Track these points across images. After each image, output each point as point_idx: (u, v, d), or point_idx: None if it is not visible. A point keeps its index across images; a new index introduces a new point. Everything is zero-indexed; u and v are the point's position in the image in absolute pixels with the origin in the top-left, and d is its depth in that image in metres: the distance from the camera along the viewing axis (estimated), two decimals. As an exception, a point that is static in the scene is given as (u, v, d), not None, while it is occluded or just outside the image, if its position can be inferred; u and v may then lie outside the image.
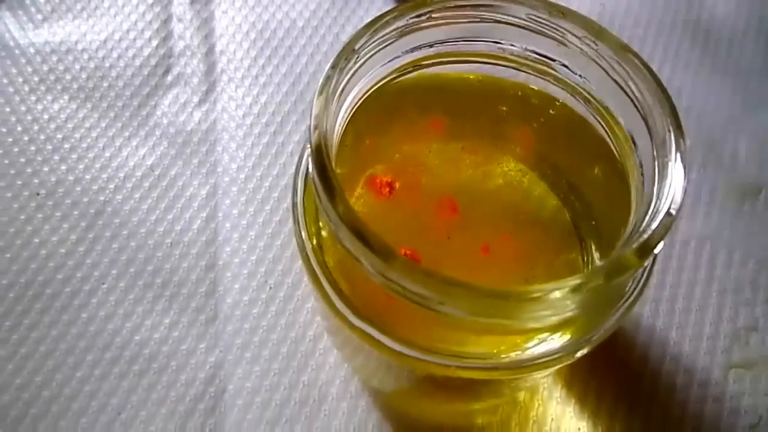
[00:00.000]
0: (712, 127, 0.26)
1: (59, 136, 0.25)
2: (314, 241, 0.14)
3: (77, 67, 0.26)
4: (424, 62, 0.16)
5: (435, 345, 0.13)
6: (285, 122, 0.25)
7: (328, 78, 0.13)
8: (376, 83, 0.16)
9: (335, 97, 0.13)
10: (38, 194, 0.23)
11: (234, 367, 0.21)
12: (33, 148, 0.24)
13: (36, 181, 0.24)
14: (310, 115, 0.13)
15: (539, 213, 0.18)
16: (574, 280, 0.11)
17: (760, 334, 0.22)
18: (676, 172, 0.12)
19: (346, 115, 0.15)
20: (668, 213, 0.11)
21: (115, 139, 0.25)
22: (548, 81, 0.16)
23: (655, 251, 0.11)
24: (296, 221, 0.15)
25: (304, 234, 0.15)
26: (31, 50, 0.26)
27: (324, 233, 0.15)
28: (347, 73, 0.13)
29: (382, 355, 0.14)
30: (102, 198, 0.23)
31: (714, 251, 0.23)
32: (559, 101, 0.16)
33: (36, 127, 0.25)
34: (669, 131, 0.12)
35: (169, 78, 0.26)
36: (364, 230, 0.11)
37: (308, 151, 0.13)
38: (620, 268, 0.11)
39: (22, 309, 0.21)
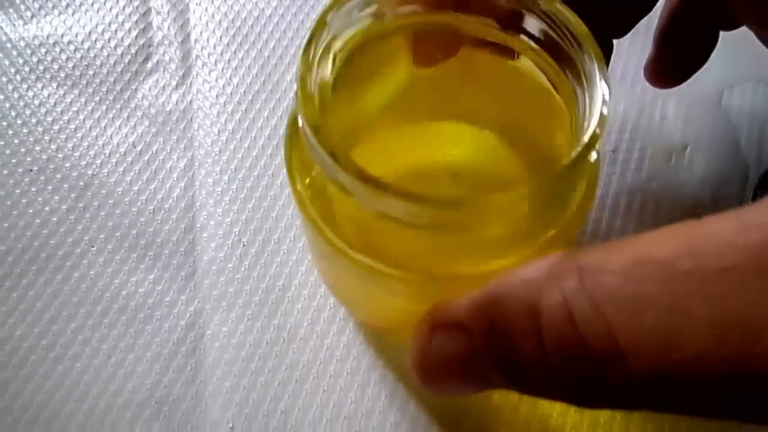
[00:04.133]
0: (643, 92, 0.28)
1: (49, 119, 0.27)
2: (306, 190, 0.16)
3: (64, 57, 0.29)
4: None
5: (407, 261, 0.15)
6: (255, 100, 0.28)
7: (309, 40, 0.15)
8: (349, 49, 0.17)
9: (317, 58, 0.15)
10: (31, 170, 0.26)
11: (212, 314, 0.23)
12: (25, 130, 0.27)
13: (29, 159, 0.26)
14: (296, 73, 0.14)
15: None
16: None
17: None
18: (600, 92, 0.14)
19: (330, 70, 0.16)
20: (595, 130, 0.14)
21: (100, 120, 0.27)
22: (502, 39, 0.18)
23: (590, 158, 0.14)
24: (290, 173, 0.17)
25: (299, 185, 0.16)
26: (22, 44, 0.29)
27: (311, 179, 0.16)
28: (323, 41, 0.15)
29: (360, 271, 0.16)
30: (90, 172, 0.26)
31: (644, 202, 0.26)
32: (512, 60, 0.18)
33: (28, 112, 0.27)
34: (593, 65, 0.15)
35: (149, 65, 0.29)
36: (345, 158, 0.13)
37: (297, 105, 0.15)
38: (554, 176, 0.13)
39: (20, 271, 0.24)
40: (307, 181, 0.16)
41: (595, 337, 0.10)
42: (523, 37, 0.17)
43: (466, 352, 0.13)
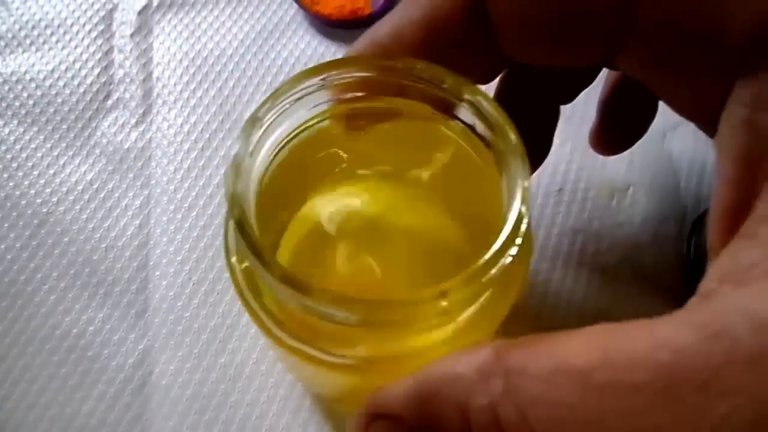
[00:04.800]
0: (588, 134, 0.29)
1: (8, 156, 0.28)
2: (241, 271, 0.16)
3: (25, 94, 0.29)
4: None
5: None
6: (212, 138, 0.29)
7: (237, 154, 0.15)
8: (285, 139, 0.18)
9: (249, 156, 0.15)
10: (-12, 208, 0.26)
11: (160, 353, 0.24)
12: (-16, 167, 0.27)
13: (-14, 196, 0.27)
14: (227, 186, 0.14)
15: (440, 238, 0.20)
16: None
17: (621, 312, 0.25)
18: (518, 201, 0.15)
19: (262, 172, 0.17)
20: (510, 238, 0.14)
21: (59, 158, 0.28)
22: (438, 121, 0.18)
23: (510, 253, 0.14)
24: (232, 274, 0.16)
25: (240, 277, 0.16)
26: (-15, 81, 0.30)
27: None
28: (255, 137, 0.15)
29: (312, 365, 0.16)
30: (45, 210, 0.26)
31: (585, 241, 0.27)
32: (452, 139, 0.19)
33: (-13, 149, 0.28)
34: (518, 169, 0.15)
35: (110, 102, 0.30)
36: (292, 276, 0.14)
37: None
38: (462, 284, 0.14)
39: (-28, 308, 0.24)
40: (243, 266, 0.16)
41: None
42: (456, 122, 0.18)
43: None
